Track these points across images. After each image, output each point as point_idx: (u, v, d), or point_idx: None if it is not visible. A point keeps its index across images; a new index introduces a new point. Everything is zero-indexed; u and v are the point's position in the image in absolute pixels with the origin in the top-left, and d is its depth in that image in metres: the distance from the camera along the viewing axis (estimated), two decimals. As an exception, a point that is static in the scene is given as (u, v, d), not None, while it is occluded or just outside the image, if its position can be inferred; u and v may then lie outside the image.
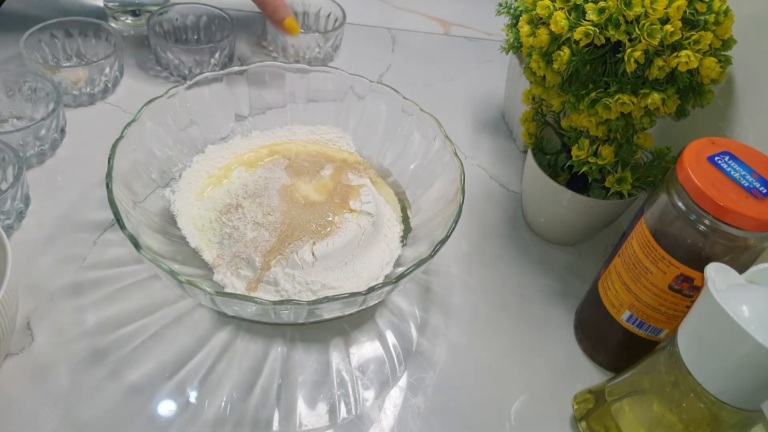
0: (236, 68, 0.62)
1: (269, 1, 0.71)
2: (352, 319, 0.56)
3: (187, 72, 0.75)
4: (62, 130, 0.65)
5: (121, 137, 0.53)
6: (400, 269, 0.54)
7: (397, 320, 0.57)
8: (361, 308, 0.50)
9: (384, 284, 0.47)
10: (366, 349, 0.54)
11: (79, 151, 0.65)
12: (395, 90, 0.63)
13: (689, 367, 0.41)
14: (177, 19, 0.78)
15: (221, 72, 0.62)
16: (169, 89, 0.59)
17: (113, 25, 0.80)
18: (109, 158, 0.51)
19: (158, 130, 0.59)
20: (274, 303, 0.45)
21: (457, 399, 0.52)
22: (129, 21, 0.81)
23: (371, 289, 0.46)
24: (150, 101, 0.57)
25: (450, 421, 0.50)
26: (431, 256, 0.49)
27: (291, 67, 0.64)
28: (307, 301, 0.45)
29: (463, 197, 0.54)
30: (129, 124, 0.55)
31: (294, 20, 0.72)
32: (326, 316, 0.50)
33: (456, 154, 0.58)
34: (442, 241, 0.50)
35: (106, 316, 0.53)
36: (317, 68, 0.65)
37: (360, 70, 0.83)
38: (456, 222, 0.52)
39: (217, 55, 0.75)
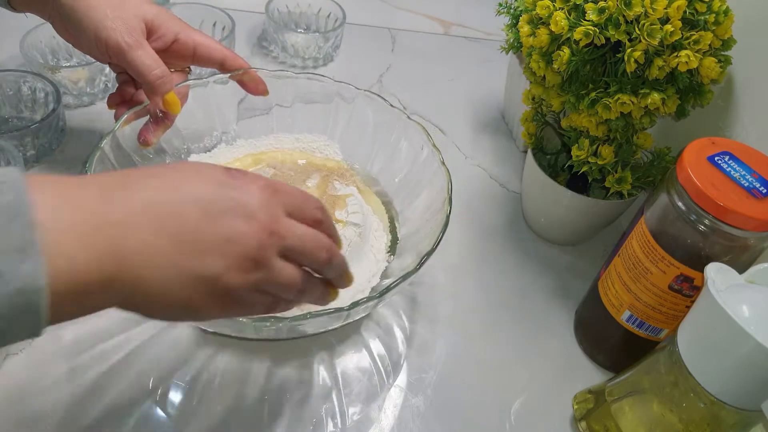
0: (220, 75, 0.59)
1: (149, 64, 0.53)
2: (344, 327, 0.54)
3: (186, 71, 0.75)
4: (62, 130, 0.65)
5: (98, 148, 0.51)
6: (387, 281, 0.53)
7: (392, 322, 0.56)
8: (346, 322, 0.49)
9: (369, 299, 0.45)
10: (357, 355, 0.54)
11: (78, 151, 0.65)
12: (382, 98, 0.61)
13: (689, 367, 0.41)
14: (177, 19, 0.78)
15: (206, 79, 0.60)
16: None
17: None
18: (86, 170, 0.49)
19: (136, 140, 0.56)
20: (255, 319, 0.43)
21: (457, 399, 0.52)
22: (129, 21, 0.81)
23: (355, 304, 0.45)
24: (130, 110, 0.55)
25: (450, 421, 0.50)
26: (417, 269, 0.47)
27: (277, 74, 0.62)
28: (289, 318, 0.43)
29: (451, 207, 0.52)
30: (108, 134, 0.53)
31: (176, 96, 0.55)
32: (310, 331, 0.49)
33: (443, 164, 0.56)
34: (429, 253, 0.48)
35: (83, 332, 0.51)
36: (303, 74, 0.63)
37: (360, 70, 0.84)
38: (443, 233, 0.50)
39: (217, 55, 0.75)
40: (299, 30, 0.85)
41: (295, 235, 0.37)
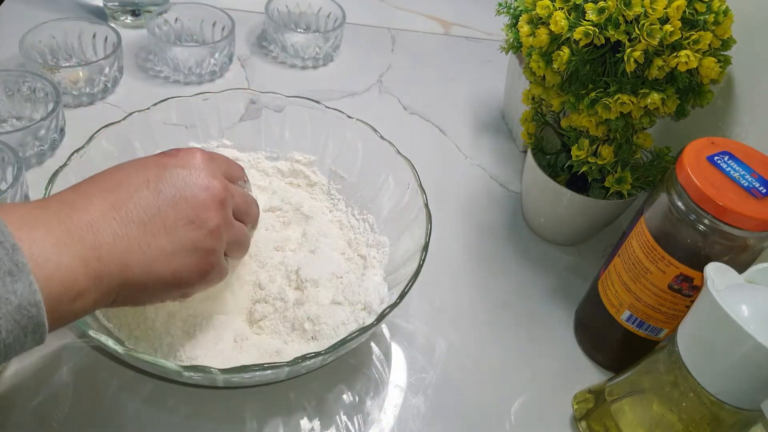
0: (207, 93, 0.57)
1: None
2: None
3: (186, 72, 0.75)
4: (62, 130, 0.65)
5: (65, 164, 0.49)
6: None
7: (391, 322, 0.56)
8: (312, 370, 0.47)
9: (317, 354, 0.42)
10: (356, 355, 0.54)
11: (78, 151, 0.65)
12: (373, 128, 0.58)
13: (689, 366, 0.41)
14: (177, 19, 0.78)
15: (193, 95, 0.58)
16: (131, 113, 0.55)
17: (113, 25, 0.80)
18: (46, 187, 0.47)
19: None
20: (185, 368, 0.40)
21: (457, 399, 0.52)
22: (129, 21, 0.81)
23: (295, 361, 0.41)
24: (106, 125, 0.53)
25: (450, 421, 0.50)
26: (375, 323, 0.44)
27: (266, 97, 0.59)
28: (220, 369, 0.40)
29: (425, 255, 0.49)
30: (77, 150, 0.50)
31: None
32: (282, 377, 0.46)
33: (426, 205, 0.52)
34: (392, 306, 0.45)
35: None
36: (294, 99, 0.60)
37: (360, 70, 0.84)
38: (413, 282, 0.47)
39: (216, 55, 0.75)
40: (299, 30, 0.85)
41: (239, 194, 0.43)
